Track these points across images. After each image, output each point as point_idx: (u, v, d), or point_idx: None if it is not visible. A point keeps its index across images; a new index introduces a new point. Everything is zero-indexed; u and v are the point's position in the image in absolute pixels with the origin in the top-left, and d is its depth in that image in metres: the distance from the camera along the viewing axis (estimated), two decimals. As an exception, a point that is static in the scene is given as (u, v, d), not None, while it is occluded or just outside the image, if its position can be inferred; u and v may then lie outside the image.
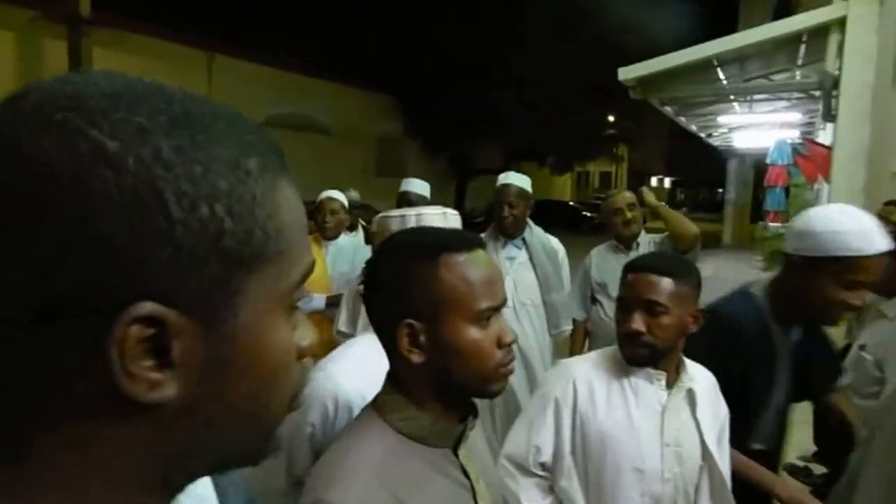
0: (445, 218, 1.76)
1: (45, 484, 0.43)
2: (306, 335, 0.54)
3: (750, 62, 9.96)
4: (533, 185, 3.78)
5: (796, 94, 11.10)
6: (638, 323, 1.66)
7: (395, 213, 1.76)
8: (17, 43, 13.61)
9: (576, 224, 25.31)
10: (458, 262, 1.09)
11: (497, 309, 1.12)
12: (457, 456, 1.13)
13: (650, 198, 3.81)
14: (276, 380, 0.50)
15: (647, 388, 1.73)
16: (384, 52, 20.60)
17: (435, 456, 1.11)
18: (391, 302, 1.10)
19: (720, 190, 37.84)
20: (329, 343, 2.11)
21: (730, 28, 13.57)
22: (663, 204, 3.86)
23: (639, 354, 1.70)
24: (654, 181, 53.89)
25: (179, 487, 0.49)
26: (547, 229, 3.86)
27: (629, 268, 1.75)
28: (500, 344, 1.11)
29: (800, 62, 9.73)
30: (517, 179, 3.72)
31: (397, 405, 1.11)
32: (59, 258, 0.40)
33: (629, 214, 3.77)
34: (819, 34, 8.23)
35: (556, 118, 21.72)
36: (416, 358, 1.07)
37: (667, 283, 1.66)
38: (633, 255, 3.73)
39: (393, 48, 20.64)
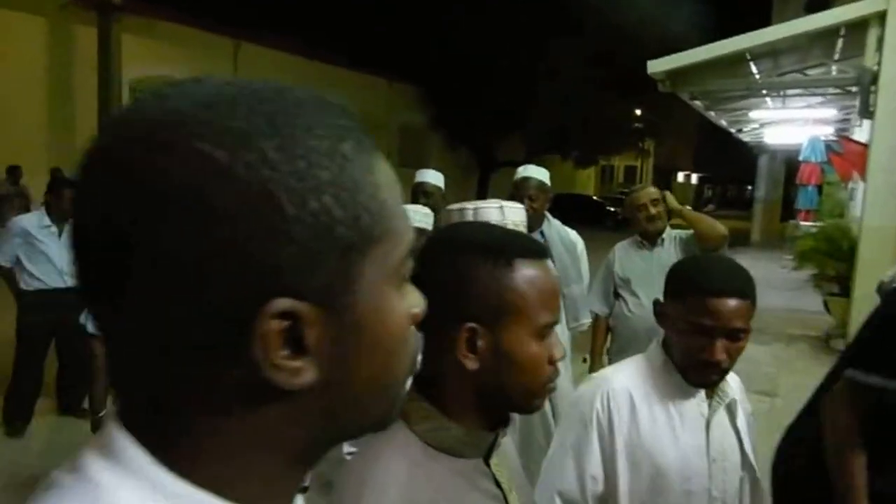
0: (502, 211, 1.72)
1: (203, 459, 0.48)
2: (417, 302, 0.57)
3: (784, 56, 9.77)
4: (556, 179, 3.74)
5: (831, 90, 10.88)
6: (722, 352, 1.53)
7: (455, 206, 1.78)
8: (47, 29, 13.75)
9: (599, 219, 25.13)
10: (531, 269, 1.04)
11: (554, 325, 1.07)
12: (488, 466, 1.07)
13: (674, 203, 3.79)
14: (398, 349, 0.54)
15: (690, 402, 1.63)
16: (409, 42, 20.56)
17: (465, 467, 1.04)
18: (451, 302, 1.01)
19: (749, 187, 37.39)
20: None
21: (763, 21, 13.32)
22: (687, 207, 3.86)
23: (712, 381, 1.61)
24: (680, 177, 53.37)
25: (318, 457, 0.55)
26: (570, 223, 3.82)
27: (703, 290, 1.54)
28: (551, 360, 1.06)
29: (836, 57, 9.51)
30: (536, 172, 3.71)
31: (426, 414, 1.04)
32: (191, 270, 0.43)
33: (653, 210, 3.72)
34: (857, 28, 8.03)
35: (582, 111, 21.57)
36: (471, 364, 1.01)
37: (747, 306, 1.54)
38: (657, 250, 3.74)
39: (418, 38, 20.60)
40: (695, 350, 1.56)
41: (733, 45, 8.77)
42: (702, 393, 1.63)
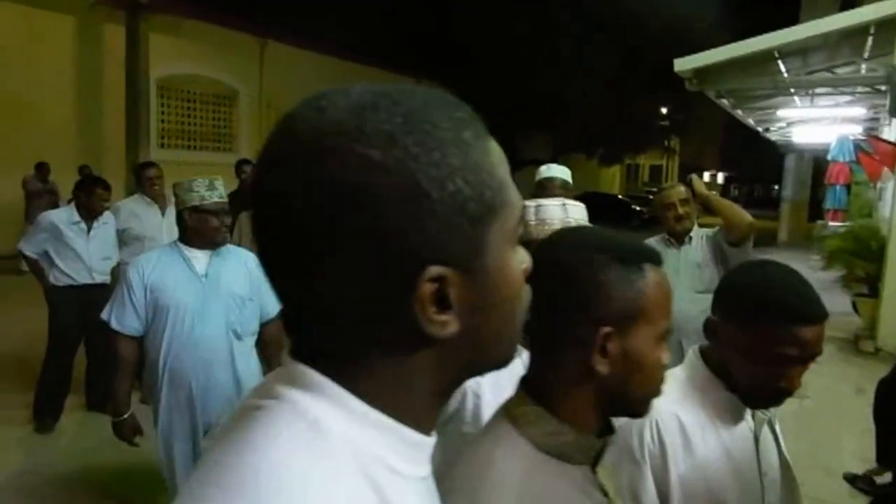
0: (565, 209, 1.74)
1: (372, 390, 0.59)
2: (525, 258, 0.67)
3: (813, 55, 9.65)
4: (580, 178, 3.77)
5: (860, 89, 10.72)
6: (800, 379, 1.42)
7: None
8: (76, 28, 13.89)
9: (625, 218, 24.93)
10: (656, 274, 1.05)
11: (671, 330, 1.08)
12: (594, 473, 1.05)
13: (700, 186, 3.71)
14: (517, 300, 0.65)
15: (738, 419, 1.51)
16: (435, 40, 20.55)
17: (575, 474, 1.02)
18: (584, 307, 1.01)
19: (776, 186, 36.93)
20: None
21: (791, 19, 13.15)
22: (714, 193, 3.78)
23: (780, 404, 1.49)
24: (706, 176, 52.84)
25: (452, 391, 0.66)
26: (594, 222, 3.80)
27: (791, 319, 1.37)
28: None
29: (866, 55, 9.37)
30: (559, 171, 3.74)
31: (537, 417, 1.02)
32: (363, 250, 0.54)
33: (682, 209, 3.68)
34: (888, 26, 7.90)
35: (608, 109, 21.43)
36: (603, 368, 1.00)
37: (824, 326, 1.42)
38: (684, 249, 3.71)
39: (444, 35, 20.59)
40: (772, 379, 1.41)
41: (762, 44, 8.68)
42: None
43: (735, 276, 1.54)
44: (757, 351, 1.40)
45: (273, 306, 3.22)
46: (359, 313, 0.57)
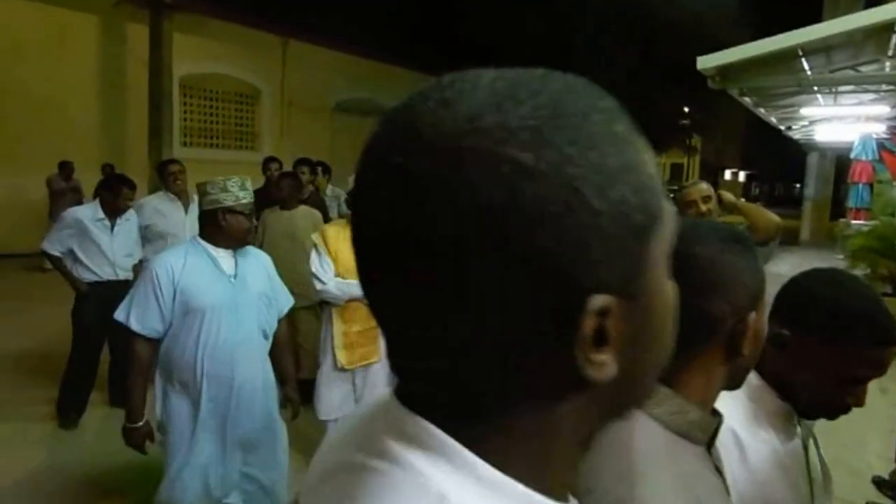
0: None
1: (509, 440, 0.48)
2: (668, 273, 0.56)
3: (836, 52, 9.55)
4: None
5: (885, 87, 10.60)
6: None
7: None
8: (100, 27, 14.03)
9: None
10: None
11: None
12: (709, 452, 1.05)
13: (730, 198, 3.81)
14: (671, 326, 0.53)
15: (789, 427, 1.47)
16: (453, 37, 20.56)
17: (700, 452, 1.02)
18: (726, 295, 1.02)
19: (797, 185, 36.59)
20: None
21: (813, 16, 13.03)
22: (742, 200, 3.90)
23: (838, 417, 1.46)
24: (727, 174, 52.44)
25: (591, 443, 0.54)
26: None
27: (877, 341, 1.33)
28: None
29: (890, 53, 9.26)
30: None
31: (662, 397, 1.01)
32: (512, 276, 0.42)
33: (703, 207, 3.68)
34: (913, 23, 7.81)
35: (630, 108, 21.39)
36: (747, 351, 1.03)
37: None
38: None
39: (462, 33, 20.60)
40: (841, 395, 1.38)
41: (785, 41, 8.61)
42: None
43: (812, 290, 1.43)
44: (834, 368, 1.35)
45: (284, 304, 3.22)
46: (496, 356, 0.45)
